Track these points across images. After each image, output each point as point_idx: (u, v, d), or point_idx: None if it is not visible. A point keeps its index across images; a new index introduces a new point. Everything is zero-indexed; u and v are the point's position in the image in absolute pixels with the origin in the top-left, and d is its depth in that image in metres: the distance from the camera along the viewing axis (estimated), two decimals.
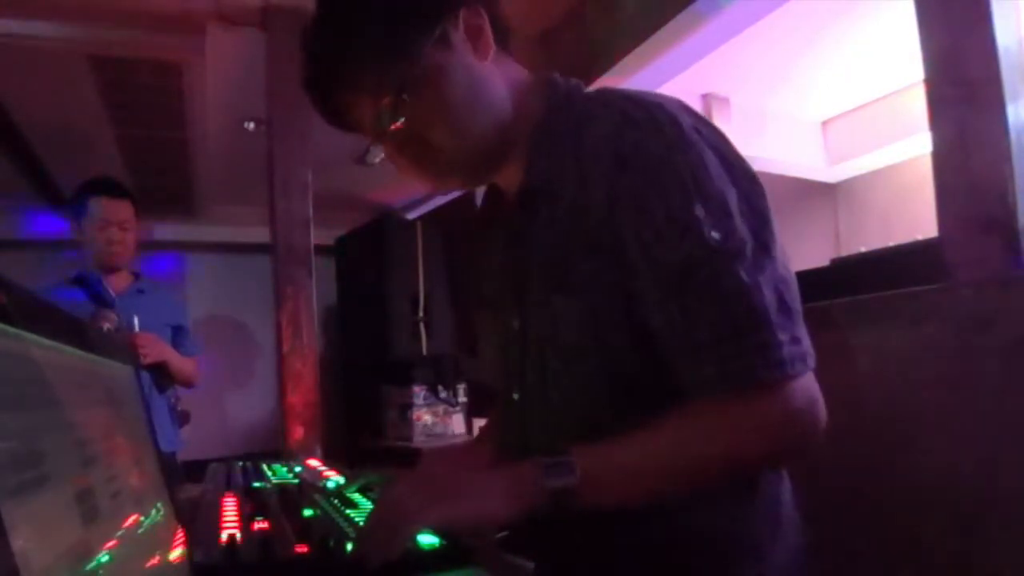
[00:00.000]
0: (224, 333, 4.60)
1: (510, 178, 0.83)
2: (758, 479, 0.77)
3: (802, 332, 0.68)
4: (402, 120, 0.74)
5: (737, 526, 0.76)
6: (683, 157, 0.68)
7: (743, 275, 0.65)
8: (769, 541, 0.76)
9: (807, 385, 0.67)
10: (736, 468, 0.70)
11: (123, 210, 2.28)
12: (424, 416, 3.69)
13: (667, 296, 0.68)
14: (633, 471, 0.68)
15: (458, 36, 0.76)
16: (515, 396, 0.83)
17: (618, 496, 0.68)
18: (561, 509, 0.66)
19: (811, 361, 0.67)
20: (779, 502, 0.79)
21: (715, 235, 0.66)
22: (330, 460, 1.45)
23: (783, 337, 0.65)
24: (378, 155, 0.80)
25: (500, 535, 0.84)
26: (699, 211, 0.66)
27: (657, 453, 0.68)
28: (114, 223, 2.25)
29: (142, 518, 0.55)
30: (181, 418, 2.49)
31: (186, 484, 1.33)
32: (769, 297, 0.66)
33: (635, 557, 0.75)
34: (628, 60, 2.36)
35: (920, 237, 1.84)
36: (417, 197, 4.23)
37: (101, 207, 2.24)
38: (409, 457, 3.42)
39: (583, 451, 0.68)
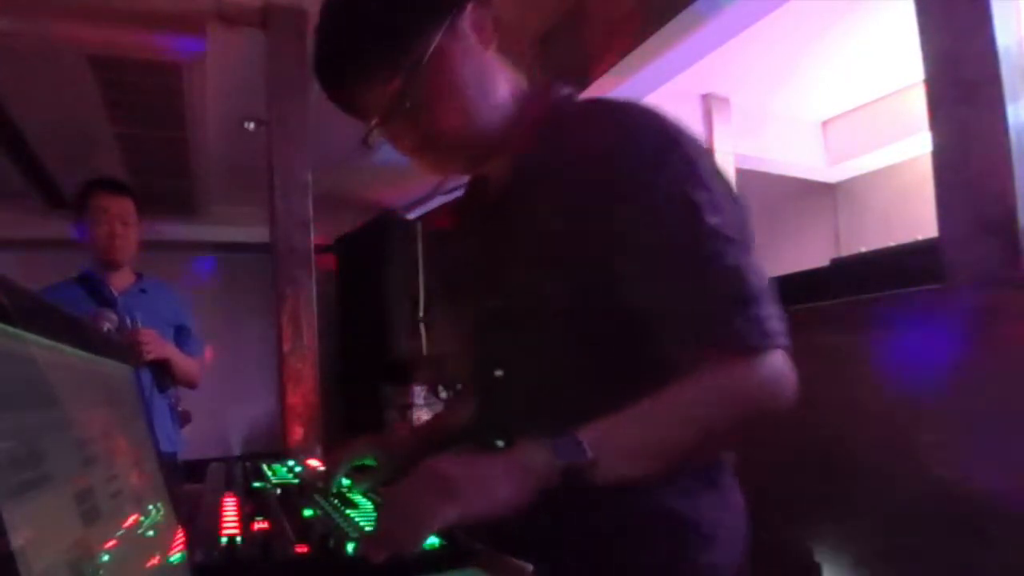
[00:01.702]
0: (224, 333, 4.60)
1: (500, 167, 0.87)
2: (722, 467, 0.83)
3: (779, 313, 0.74)
4: (409, 103, 0.77)
5: (694, 511, 0.79)
6: (681, 151, 0.74)
7: (739, 258, 0.72)
8: (720, 527, 0.81)
9: (786, 357, 0.74)
10: (732, 428, 0.73)
11: (125, 207, 2.29)
12: (424, 416, 3.69)
13: (665, 271, 0.73)
14: (639, 442, 0.71)
15: (465, 25, 0.80)
16: (498, 374, 0.86)
17: (626, 468, 0.70)
18: (569, 486, 0.67)
19: (784, 341, 0.74)
20: (731, 489, 0.84)
21: (712, 219, 0.72)
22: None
23: (770, 313, 0.72)
24: (379, 138, 0.82)
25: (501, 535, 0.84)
26: (700, 197, 0.72)
27: (661, 421, 0.71)
28: (116, 216, 2.26)
29: (142, 518, 0.55)
30: (182, 418, 2.49)
31: (186, 484, 1.33)
32: (757, 280, 0.73)
33: (591, 538, 0.78)
34: (628, 60, 2.36)
35: (920, 237, 1.84)
36: (417, 197, 4.23)
37: (103, 203, 2.25)
38: None
39: (588, 428, 0.69)
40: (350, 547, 0.69)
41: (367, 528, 0.75)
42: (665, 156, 0.73)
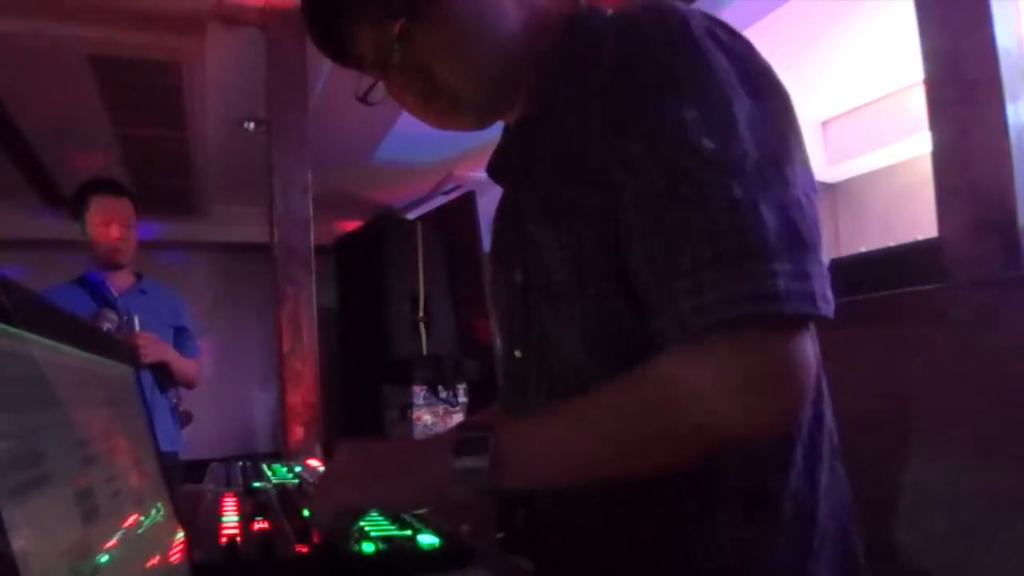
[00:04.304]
0: (224, 333, 4.60)
1: (515, 116, 0.75)
2: (781, 483, 0.63)
3: (816, 269, 0.55)
4: (406, 50, 0.67)
5: (748, 549, 0.62)
6: (684, 58, 0.57)
7: (736, 191, 0.53)
8: (797, 572, 0.62)
9: (805, 339, 0.55)
10: (696, 445, 0.57)
11: (124, 208, 2.29)
12: (424, 416, 3.69)
13: (643, 218, 0.57)
14: (562, 449, 0.60)
15: None
16: (517, 354, 0.75)
17: (545, 478, 0.62)
18: (481, 491, 0.59)
19: (825, 307, 0.54)
20: (812, 519, 0.64)
21: (708, 143, 0.55)
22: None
23: (781, 267, 0.52)
24: (380, 93, 0.73)
25: (499, 535, 0.83)
26: (690, 114, 0.56)
27: (596, 425, 0.58)
28: (116, 220, 2.26)
29: (142, 518, 0.55)
30: (183, 418, 2.50)
31: (186, 484, 1.33)
32: (770, 219, 0.53)
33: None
34: None
35: (920, 237, 1.84)
36: (417, 197, 4.23)
37: (102, 205, 2.26)
38: None
39: (508, 425, 0.62)
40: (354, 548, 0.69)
41: (366, 529, 0.76)
42: (663, 67, 0.58)
